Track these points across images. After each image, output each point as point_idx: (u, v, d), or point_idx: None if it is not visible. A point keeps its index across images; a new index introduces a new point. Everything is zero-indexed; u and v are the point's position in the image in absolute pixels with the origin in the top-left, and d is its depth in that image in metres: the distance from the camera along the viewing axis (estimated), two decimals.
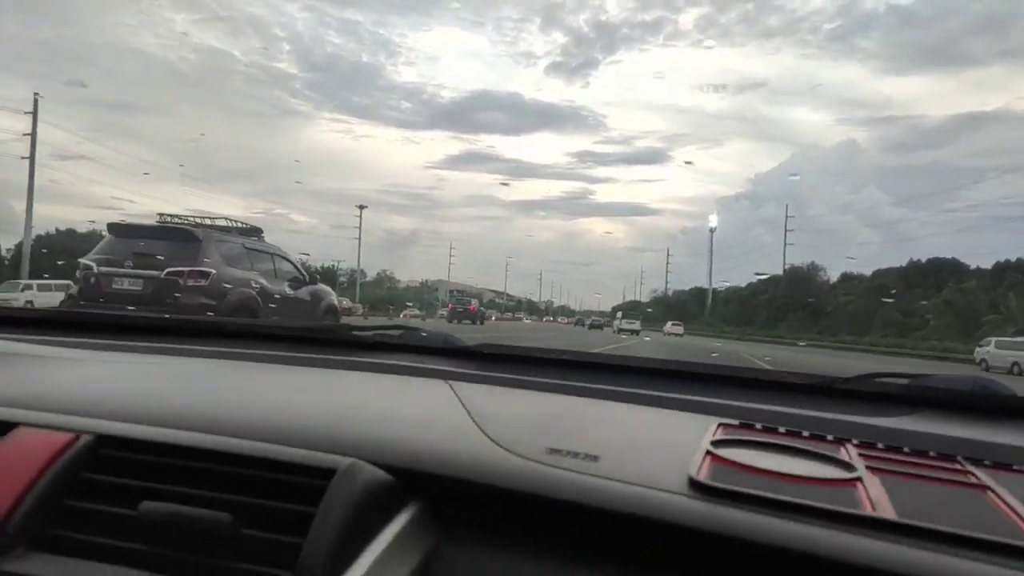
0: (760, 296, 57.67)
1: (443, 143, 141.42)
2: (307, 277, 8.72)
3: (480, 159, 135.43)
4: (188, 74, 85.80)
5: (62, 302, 7.56)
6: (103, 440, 0.61)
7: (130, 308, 6.32)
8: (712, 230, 73.40)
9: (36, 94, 28.87)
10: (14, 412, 0.65)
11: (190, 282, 6.73)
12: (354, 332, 1.27)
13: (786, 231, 57.84)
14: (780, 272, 56.74)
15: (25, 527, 0.56)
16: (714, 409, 0.86)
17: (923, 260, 49.77)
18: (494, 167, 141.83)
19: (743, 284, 65.79)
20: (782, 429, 0.78)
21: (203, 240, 6.97)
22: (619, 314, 64.31)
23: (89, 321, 1.27)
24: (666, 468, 0.65)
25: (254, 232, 8.21)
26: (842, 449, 0.73)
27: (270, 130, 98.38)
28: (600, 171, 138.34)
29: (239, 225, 8.17)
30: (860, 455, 0.72)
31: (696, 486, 0.62)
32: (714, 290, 70.99)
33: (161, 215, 7.83)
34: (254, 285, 7.32)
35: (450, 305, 42.83)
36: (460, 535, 0.63)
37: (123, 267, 6.77)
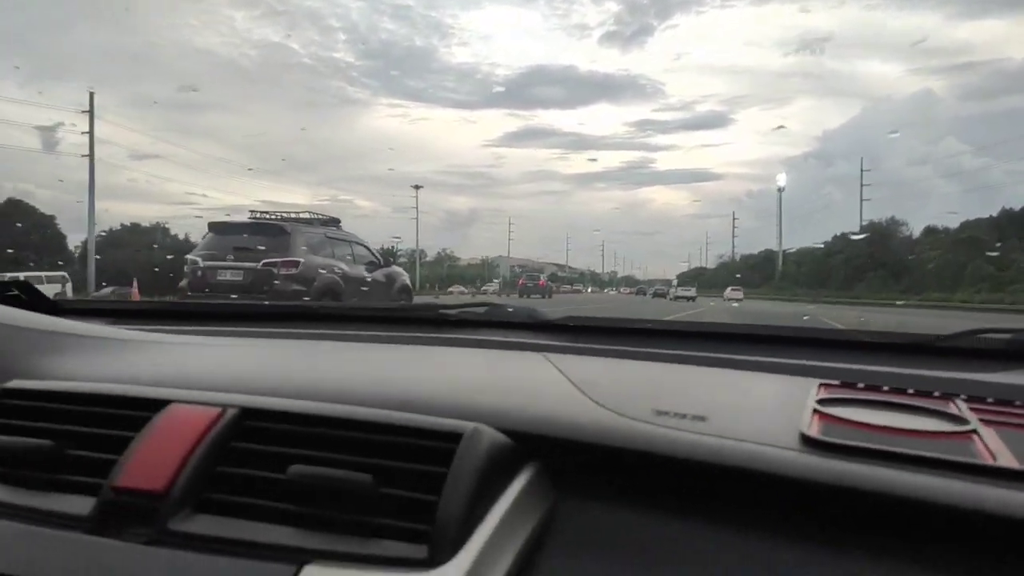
0: (836, 255, 54.13)
1: (500, 121, 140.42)
2: (381, 260, 9.73)
3: (538, 134, 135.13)
4: (250, 69, 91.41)
5: (179, 289, 8.72)
6: (248, 413, 0.68)
7: (233, 296, 7.30)
8: (780, 190, 69.46)
9: (91, 92, 29.21)
10: (166, 391, 0.72)
11: (283, 271, 7.83)
12: (441, 310, 1.34)
13: (862, 185, 53.96)
14: (856, 230, 52.98)
15: (186, 492, 0.62)
16: (813, 371, 0.87)
17: (1016, 209, 45.24)
18: (552, 141, 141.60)
19: (818, 243, 62.03)
20: (885, 387, 0.78)
21: (291, 233, 8.06)
22: (674, 281, 65.31)
23: (206, 311, 1.42)
24: (776, 426, 0.66)
25: (333, 222, 9.25)
26: (951, 404, 0.73)
27: (331, 119, 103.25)
28: (660, 139, 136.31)
29: (320, 217, 9.19)
30: (971, 409, 0.71)
31: (808, 441, 0.63)
32: (784, 252, 67.35)
33: (253, 212, 8.98)
34: (336, 270, 8.36)
35: (520, 280, 45.08)
36: (576, 494, 0.65)
37: (225, 261, 7.89)
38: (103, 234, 39.05)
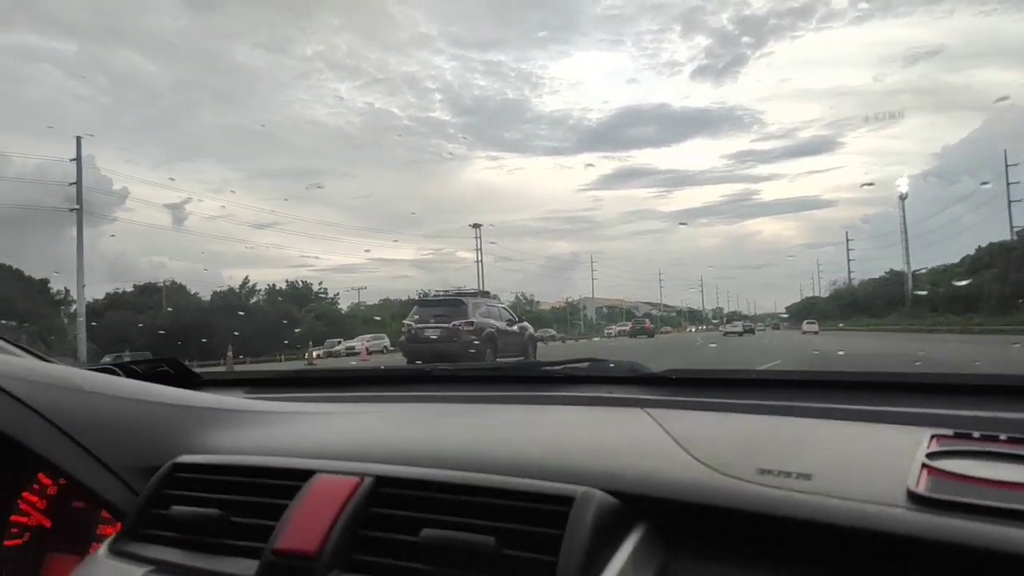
0: (984, 271, 42.79)
1: (596, 164, 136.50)
2: (516, 318, 15.06)
3: (634, 175, 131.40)
4: (355, 136, 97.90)
5: (399, 344, 14.88)
6: (383, 481, 0.76)
7: (433, 347, 12.29)
8: (903, 197, 58.59)
9: (78, 138, 29.16)
10: (313, 462, 0.82)
11: (464, 328, 12.56)
12: (544, 368, 1.41)
13: (1008, 183, 43.01)
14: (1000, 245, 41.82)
15: (335, 554, 0.70)
16: (925, 420, 0.86)
17: None
18: (649, 180, 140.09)
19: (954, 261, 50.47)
20: (1003, 436, 0.76)
21: (467, 304, 13.22)
22: (725, 319, 67.02)
23: (327, 377, 1.58)
24: (882, 482, 0.67)
25: (485, 294, 15.20)
26: None
27: (431, 176, 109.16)
28: (762, 169, 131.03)
29: (481, 291, 15.26)
30: None
31: (915, 498, 0.63)
32: (914, 272, 55.94)
33: (441, 290, 14.35)
34: (492, 327, 13.31)
35: (630, 324, 53.22)
36: (685, 553, 0.69)
37: (428, 324, 12.86)
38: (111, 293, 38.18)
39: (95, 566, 0.80)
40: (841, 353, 15.14)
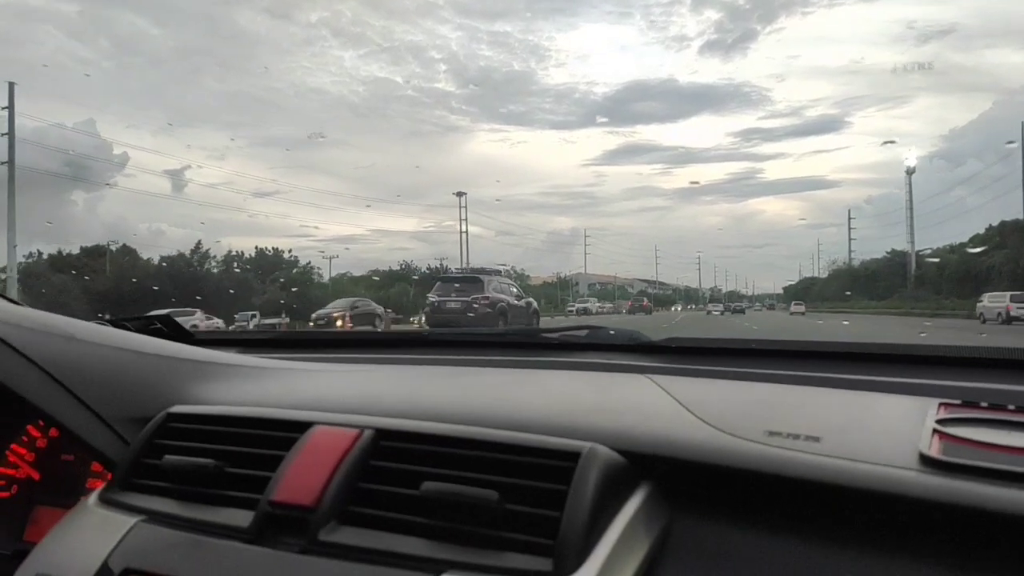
0: (996, 252, 39.65)
1: (600, 139, 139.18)
2: (523, 293, 17.73)
3: (638, 151, 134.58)
4: (359, 105, 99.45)
5: (424, 314, 17.12)
6: (383, 433, 0.76)
7: (454, 317, 14.32)
8: (910, 172, 55.38)
9: (11, 83, 26.75)
10: (311, 414, 0.82)
11: (482, 302, 14.67)
12: (543, 334, 1.41)
13: None
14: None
15: (333, 506, 0.69)
16: (932, 391, 0.86)
17: None
18: (653, 157, 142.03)
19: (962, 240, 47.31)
20: (1011, 406, 0.77)
21: (483, 280, 15.41)
22: (708, 299, 73.10)
23: (326, 339, 1.55)
24: (893, 446, 0.67)
25: (497, 272, 17.44)
26: None
27: (434, 147, 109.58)
28: (768, 147, 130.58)
29: (495, 267, 18.11)
30: None
31: (928, 461, 0.63)
32: (919, 253, 52.65)
33: (460, 267, 16.44)
34: (503, 300, 15.45)
35: (629, 302, 58.94)
36: (691, 513, 0.69)
37: (449, 297, 15.06)
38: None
39: (84, 515, 0.79)
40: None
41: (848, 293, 53.80)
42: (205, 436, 0.82)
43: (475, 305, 14.70)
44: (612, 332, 1.34)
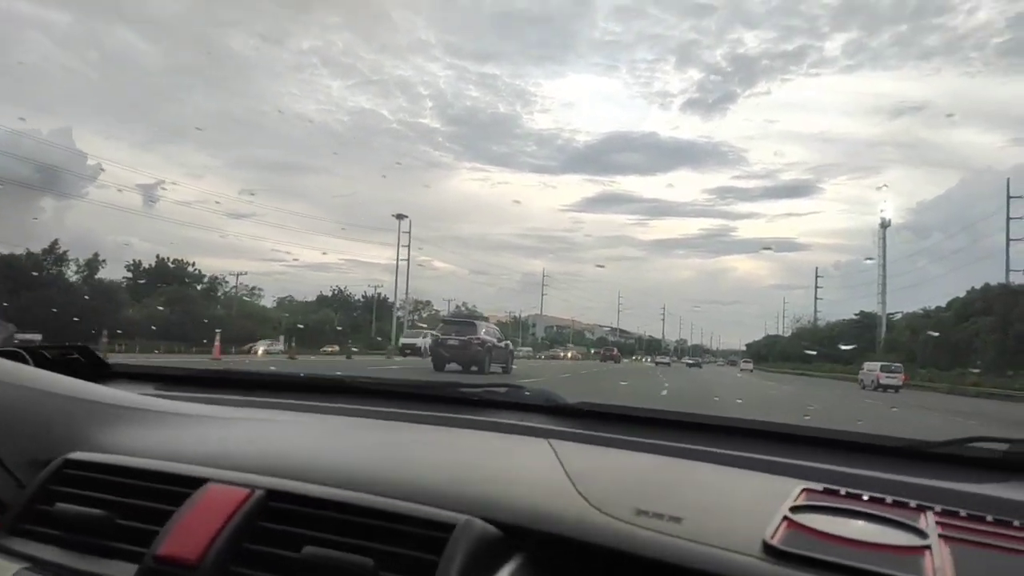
0: (976, 319, 34.81)
1: (579, 186, 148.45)
2: (503, 336, 23.90)
3: (616, 200, 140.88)
4: (343, 134, 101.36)
5: (429, 347, 23.26)
6: (273, 495, 0.80)
7: (452, 361, 19.23)
8: (884, 225, 51.54)
9: None
10: (205, 471, 0.85)
11: (474, 341, 19.21)
12: (461, 389, 1.47)
13: (1009, 218, 35.83)
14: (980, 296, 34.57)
15: (216, 565, 0.72)
16: (801, 472, 0.95)
17: None
18: (631, 207, 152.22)
19: (937, 305, 42.70)
20: (866, 496, 0.85)
21: (477, 324, 21.10)
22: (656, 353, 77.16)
23: (244, 379, 1.58)
24: (744, 531, 0.74)
25: (484, 319, 26.41)
26: (922, 517, 0.80)
27: (415, 182, 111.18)
28: (742, 207, 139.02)
29: (483, 316, 33.08)
30: (938, 523, 0.78)
31: (769, 550, 0.70)
32: (889, 316, 48.06)
33: (456, 312, 26.00)
34: (490, 342, 20.14)
35: (601, 351, 63.67)
36: None
37: (449, 335, 19.94)
38: None
39: None
40: (716, 399, 15.69)
41: (813, 353, 49.16)
42: (100, 485, 0.85)
43: (469, 343, 19.14)
44: (528, 392, 1.41)
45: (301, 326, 38.60)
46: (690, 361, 69.51)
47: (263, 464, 0.87)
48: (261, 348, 32.25)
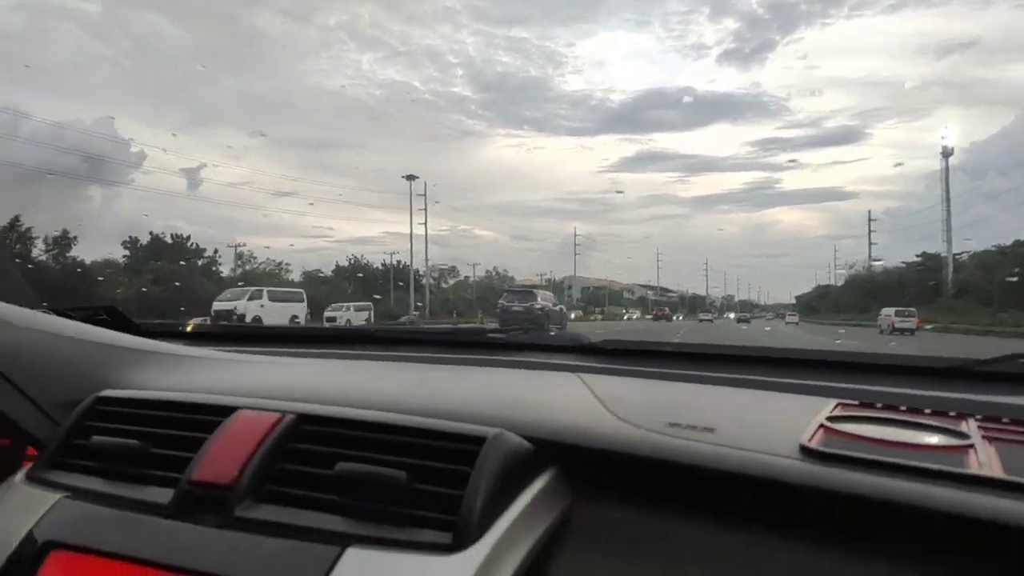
0: None
1: (616, 146, 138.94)
2: (556, 302, 28.30)
3: (655, 158, 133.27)
4: (375, 108, 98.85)
5: (496, 314, 25.57)
6: (303, 418, 0.82)
7: (515, 324, 15.38)
8: (947, 154, 45.26)
9: None
10: (235, 399, 0.88)
11: (535, 307, 23.37)
12: (489, 335, 1.49)
13: None
14: None
15: (250, 485, 0.75)
16: (835, 393, 0.95)
17: None
18: (670, 165, 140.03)
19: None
20: (903, 408, 0.86)
21: (536, 292, 26.33)
22: (711, 309, 79.84)
23: (278, 334, 1.61)
24: (779, 438, 0.76)
25: (542, 288, 39.10)
26: (963, 423, 0.81)
27: (449, 152, 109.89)
28: (785, 157, 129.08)
29: (541, 284, 51.22)
30: (980, 427, 0.79)
31: (807, 452, 0.72)
32: (956, 257, 42.53)
33: (522, 283, 28.36)
34: (546, 306, 24.34)
35: (653, 312, 69.09)
36: (591, 497, 0.77)
37: (513, 303, 24.08)
38: None
39: (9, 492, 0.84)
40: None
41: (872, 300, 44.26)
42: (133, 419, 0.88)
43: (532, 308, 22.93)
44: (553, 333, 1.52)
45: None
46: (739, 316, 70.55)
47: (293, 395, 0.90)
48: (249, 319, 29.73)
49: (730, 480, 0.70)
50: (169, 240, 42.84)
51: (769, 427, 0.82)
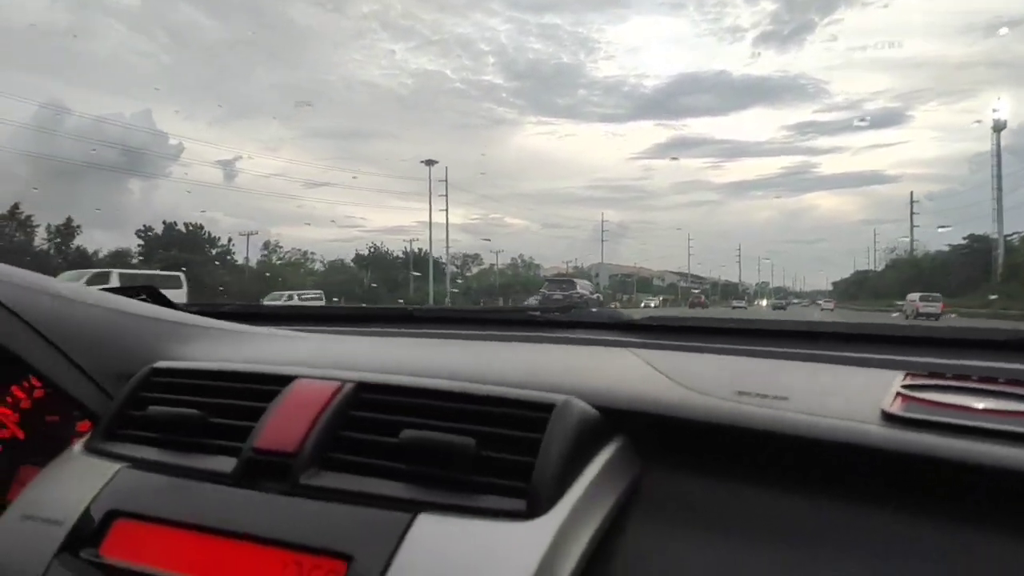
0: None
1: (649, 132, 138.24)
2: (595, 289, 38.89)
3: (689, 144, 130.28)
4: (407, 97, 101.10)
5: (540, 302, 23.92)
6: (364, 387, 0.81)
7: (556, 303, 19.83)
8: (998, 128, 42.04)
9: None
10: (293, 368, 0.87)
11: (575, 294, 26.74)
12: (530, 313, 1.48)
13: None
14: None
15: (314, 452, 0.73)
16: (899, 365, 0.92)
17: None
18: (704, 151, 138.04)
19: None
20: (975, 377, 0.84)
21: (575, 281, 32.04)
22: (744, 295, 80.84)
23: (318, 314, 1.60)
24: (857, 405, 0.74)
25: (581, 277, 43.12)
26: None
27: (482, 140, 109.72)
28: (824, 141, 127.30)
29: (580, 275, 49.33)
30: None
31: (889, 417, 0.69)
32: (1008, 239, 39.59)
33: (552, 272, 50.08)
34: (584, 294, 28.43)
35: (690, 300, 66.41)
36: (661, 466, 0.75)
37: (554, 291, 27.89)
38: None
39: (68, 462, 0.84)
40: None
41: (916, 285, 41.66)
42: (189, 390, 0.88)
43: (571, 296, 25.35)
44: (595, 310, 1.50)
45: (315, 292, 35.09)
46: (774, 303, 69.73)
47: (352, 365, 0.89)
48: None
49: (810, 447, 0.67)
50: (183, 229, 42.74)
51: (845, 395, 0.79)
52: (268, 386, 0.83)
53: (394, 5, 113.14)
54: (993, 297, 30.36)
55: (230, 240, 44.29)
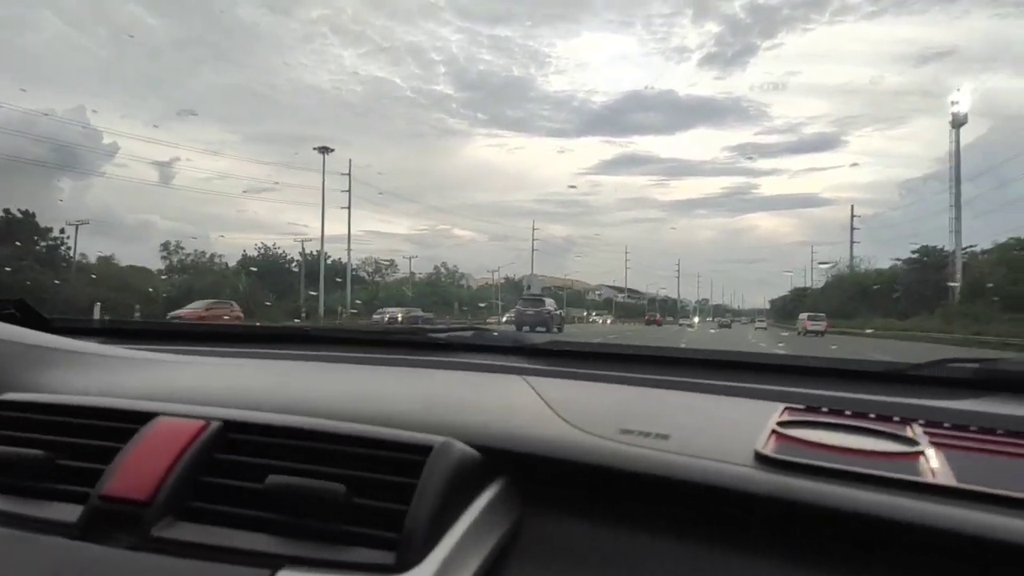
0: None
1: (596, 148, 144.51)
2: (559, 307, 38.54)
3: (634, 161, 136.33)
4: (356, 104, 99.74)
5: (512, 317, 33.68)
6: (230, 425, 0.78)
7: (528, 324, 28.37)
8: (957, 123, 39.30)
9: None
10: (154, 404, 0.82)
11: (543, 311, 30.96)
12: (429, 335, 1.47)
13: None
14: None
15: (169, 501, 0.69)
16: (781, 396, 0.97)
17: None
18: (649, 168, 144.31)
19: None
20: (848, 412, 0.89)
21: (544, 298, 36.97)
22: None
23: (200, 332, 1.53)
24: (733, 444, 0.76)
25: (548, 296, 45.40)
26: (908, 428, 0.84)
27: (431, 150, 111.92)
28: (764, 163, 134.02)
29: (548, 295, 46.04)
30: (925, 433, 0.82)
31: (762, 459, 0.72)
32: (968, 251, 36.03)
33: (528, 291, 48.11)
34: (551, 311, 31.52)
35: (646, 316, 68.05)
36: (542, 507, 0.75)
37: (528, 308, 31.53)
38: None
39: None
40: None
41: (860, 303, 37.72)
42: (38, 426, 0.82)
43: (541, 312, 28.49)
44: (496, 334, 1.41)
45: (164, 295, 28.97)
46: (721, 321, 72.18)
47: (220, 399, 0.86)
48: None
49: (687, 489, 0.68)
50: (20, 216, 35.19)
51: (723, 433, 0.82)
52: (126, 424, 0.77)
53: (344, 10, 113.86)
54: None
55: (63, 231, 36.61)
